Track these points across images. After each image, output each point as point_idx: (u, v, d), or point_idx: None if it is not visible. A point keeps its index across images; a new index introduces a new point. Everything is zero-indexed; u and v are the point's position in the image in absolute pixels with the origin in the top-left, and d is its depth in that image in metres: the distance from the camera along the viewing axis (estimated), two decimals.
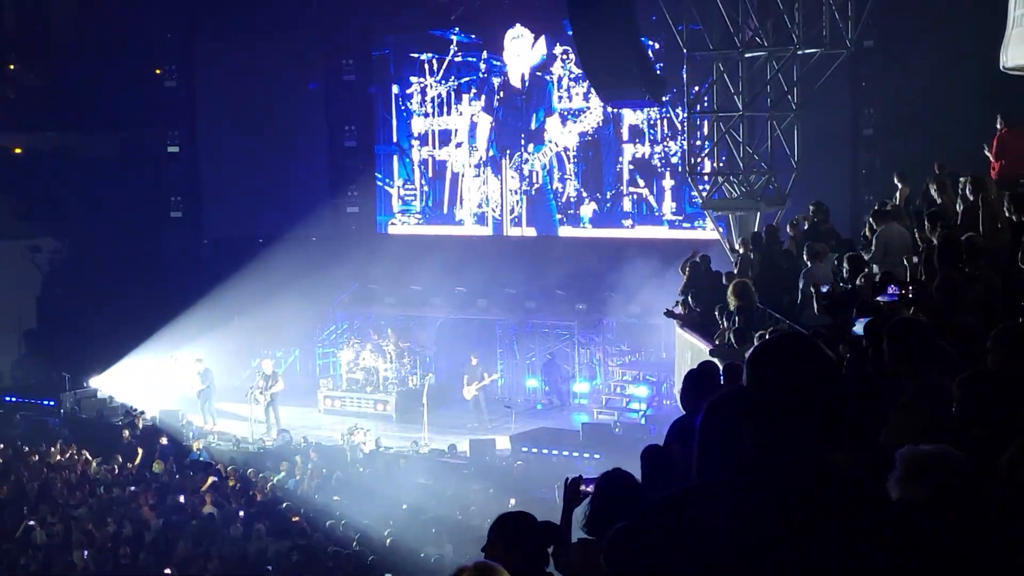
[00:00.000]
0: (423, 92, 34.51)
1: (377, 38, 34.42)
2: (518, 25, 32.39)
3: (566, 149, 32.33)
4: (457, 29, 33.29)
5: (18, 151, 32.75)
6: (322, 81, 34.66)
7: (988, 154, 15.94)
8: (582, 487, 6.62)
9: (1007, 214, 11.36)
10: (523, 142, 33.05)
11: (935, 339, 6.17)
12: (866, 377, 7.09)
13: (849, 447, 5.20)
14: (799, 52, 22.52)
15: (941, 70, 22.51)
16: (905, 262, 13.35)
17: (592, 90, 27.52)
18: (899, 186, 17.59)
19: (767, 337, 3.15)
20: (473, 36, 33.38)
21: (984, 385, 5.21)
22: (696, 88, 24.36)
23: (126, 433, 26.64)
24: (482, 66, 33.55)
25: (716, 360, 12.44)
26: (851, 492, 2.91)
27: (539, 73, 32.46)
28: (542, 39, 32.14)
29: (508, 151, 33.38)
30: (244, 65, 33.55)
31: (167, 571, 18.92)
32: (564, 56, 31.62)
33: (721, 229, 24.02)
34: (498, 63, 33.26)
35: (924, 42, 23.44)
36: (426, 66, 34.40)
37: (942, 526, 3.34)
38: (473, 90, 33.82)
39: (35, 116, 31.69)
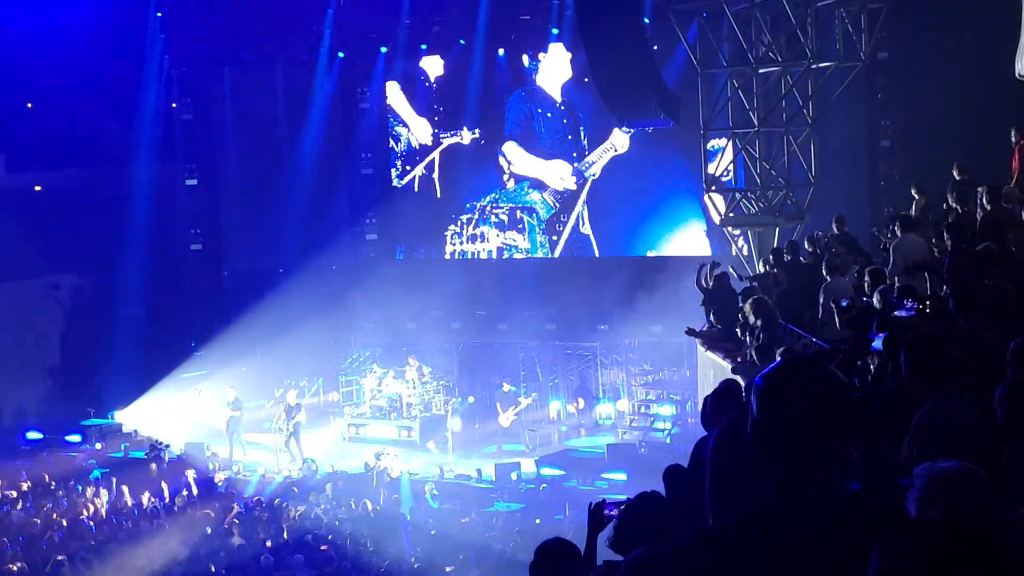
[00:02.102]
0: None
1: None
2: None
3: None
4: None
5: (38, 189, 32.93)
6: (338, 111, 34.76)
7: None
8: (605, 511, 6.61)
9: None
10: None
11: (952, 353, 6.14)
12: (887, 392, 7.07)
13: (869, 464, 5.19)
14: (813, 66, 22.52)
15: (957, 80, 22.47)
16: (926, 273, 13.28)
17: None
18: (916, 197, 17.54)
19: (772, 365, 3.10)
20: None
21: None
22: (711, 106, 24.35)
23: (152, 466, 26.71)
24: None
25: (738, 378, 12.40)
26: (876, 518, 2.89)
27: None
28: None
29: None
30: (259, 96, 33.72)
31: None
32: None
33: (741, 245, 24.01)
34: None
35: (939, 52, 23.39)
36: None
37: (960, 544, 3.32)
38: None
39: (53, 154, 31.89)
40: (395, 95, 34.73)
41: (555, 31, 31.25)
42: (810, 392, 2.95)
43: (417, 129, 34.63)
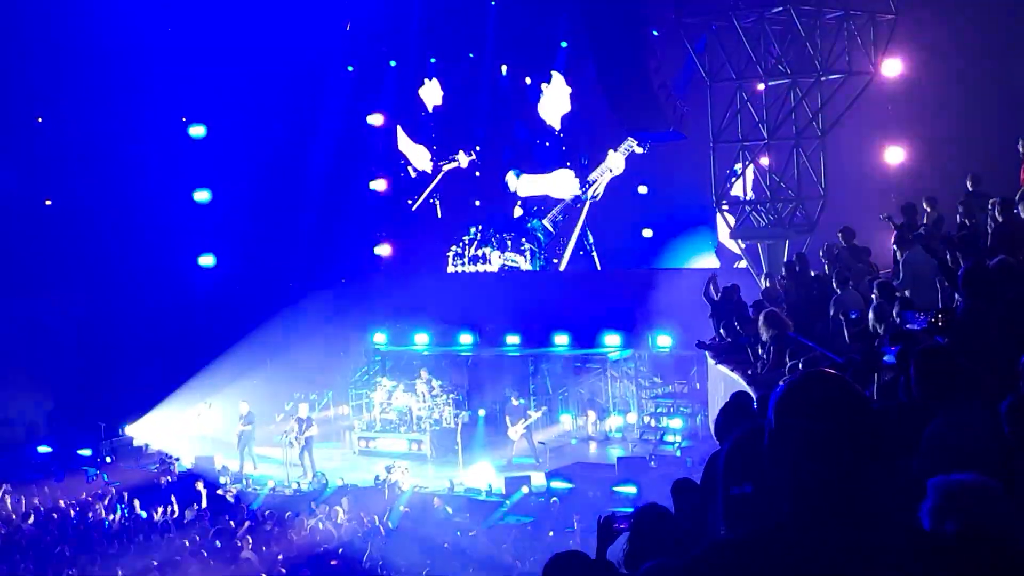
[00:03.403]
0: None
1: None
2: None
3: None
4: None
5: (48, 203, 33.02)
6: (348, 125, 34.80)
7: None
8: (615, 525, 6.58)
9: None
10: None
11: (963, 366, 6.11)
12: (900, 406, 7.04)
13: (885, 478, 5.17)
14: (822, 79, 22.50)
15: (967, 91, 22.46)
16: (938, 285, 13.24)
17: None
18: (927, 210, 17.48)
19: (789, 377, 3.07)
20: None
21: None
22: (721, 118, 24.34)
23: (162, 480, 26.73)
24: None
25: (750, 390, 12.36)
26: (891, 533, 2.87)
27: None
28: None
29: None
30: (269, 110, 33.76)
31: None
32: None
33: (750, 258, 23.98)
34: None
35: (948, 64, 23.38)
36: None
37: (977, 558, 3.30)
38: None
39: (65, 168, 31.99)
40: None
41: (564, 44, 31.30)
42: (830, 405, 2.92)
43: (416, 158, 34.80)
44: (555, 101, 32.31)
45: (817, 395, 2.95)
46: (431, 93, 34.15)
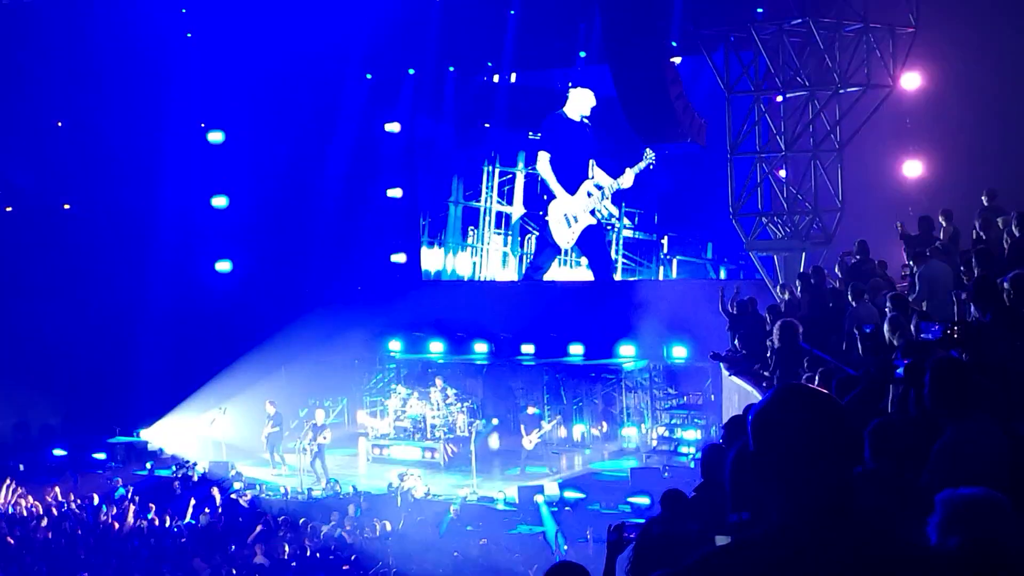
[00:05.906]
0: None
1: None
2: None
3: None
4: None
5: (67, 207, 33.16)
6: (365, 132, 34.83)
7: None
8: (625, 534, 6.58)
9: None
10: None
11: (976, 379, 6.09)
12: (910, 417, 7.02)
13: (890, 490, 5.15)
14: (840, 91, 22.47)
15: (985, 105, 22.39)
16: (954, 298, 13.21)
17: None
18: (943, 224, 17.45)
19: (765, 395, 3.08)
20: None
21: None
22: (738, 130, 24.30)
23: (177, 485, 26.79)
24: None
25: None
26: (883, 544, 2.87)
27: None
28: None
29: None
30: (286, 117, 33.82)
31: None
32: None
33: (766, 270, 23.95)
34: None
35: (967, 78, 23.30)
36: None
37: (980, 572, 3.29)
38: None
39: (83, 173, 32.12)
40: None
41: (583, 54, 31.27)
42: (802, 419, 2.93)
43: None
44: (579, 105, 32.24)
45: (786, 411, 2.97)
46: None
